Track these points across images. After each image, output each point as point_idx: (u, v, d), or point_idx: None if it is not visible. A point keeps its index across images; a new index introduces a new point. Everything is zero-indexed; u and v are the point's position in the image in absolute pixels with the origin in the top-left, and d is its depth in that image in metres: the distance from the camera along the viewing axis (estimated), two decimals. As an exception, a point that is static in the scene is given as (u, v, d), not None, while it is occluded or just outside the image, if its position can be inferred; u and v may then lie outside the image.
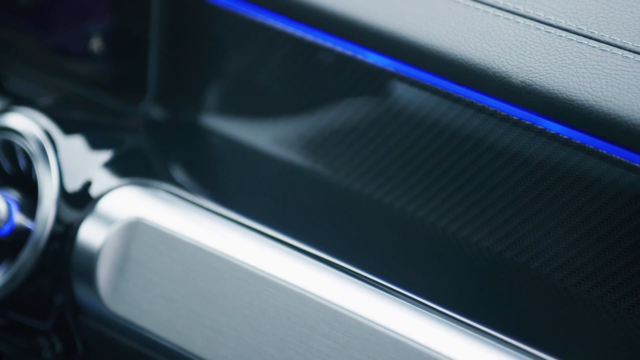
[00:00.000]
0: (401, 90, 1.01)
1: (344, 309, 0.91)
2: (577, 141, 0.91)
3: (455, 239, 1.00)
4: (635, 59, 0.90)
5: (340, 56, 1.03)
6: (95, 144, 1.08)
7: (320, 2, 1.02)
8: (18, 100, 1.15)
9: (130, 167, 1.07)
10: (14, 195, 1.06)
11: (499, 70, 0.93)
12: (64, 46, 1.17)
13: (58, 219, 1.03)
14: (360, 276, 0.94)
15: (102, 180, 1.05)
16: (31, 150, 1.05)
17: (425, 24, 0.97)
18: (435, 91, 0.98)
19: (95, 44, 1.14)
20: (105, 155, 1.07)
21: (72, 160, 1.06)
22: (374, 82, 1.02)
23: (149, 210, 1.01)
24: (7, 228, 1.05)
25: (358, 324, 0.90)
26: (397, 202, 1.04)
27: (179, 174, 1.09)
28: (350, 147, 1.06)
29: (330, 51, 1.03)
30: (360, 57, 1.02)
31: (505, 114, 0.95)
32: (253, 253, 0.97)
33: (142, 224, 1.00)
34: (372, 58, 1.01)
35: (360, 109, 1.04)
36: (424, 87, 0.99)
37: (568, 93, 0.89)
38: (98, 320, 1.02)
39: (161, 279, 0.99)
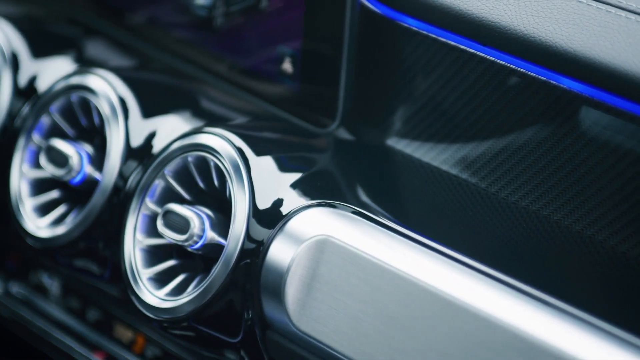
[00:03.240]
0: (595, 117, 1.00)
1: (533, 336, 0.90)
2: None
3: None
4: None
5: (533, 80, 1.02)
6: (285, 164, 1.11)
7: (515, 28, 1.01)
8: (213, 120, 1.18)
9: (318, 187, 1.09)
10: (207, 211, 1.09)
11: None
12: (255, 68, 1.20)
13: (249, 236, 1.06)
14: (548, 302, 0.93)
15: (291, 199, 1.07)
16: (226, 168, 1.08)
17: (624, 50, 0.95)
18: (632, 118, 0.96)
19: (287, 67, 1.16)
20: (295, 175, 1.09)
21: (263, 179, 1.08)
22: (567, 107, 1.01)
23: (337, 230, 1.02)
24: (200, 242, 1.08)
25: (549, 353, 0.89)
26: (588, 229, 1.02)
27: (365, 194, 1.10)
28: (539, 173, 1.05)
29: (523, 75, 1.02)
30: (553, 82, 1.01)
31: None
32: (440, 276, 0.97)
33: (331, 244, 1.01)
34: (566, 83, 1.00)
35: (552, 134, 1.03)
36: (619, 113, 0.97)
37: None
38: (285, 336, 1.04)
39: (348, 299, 1.00)
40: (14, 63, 1.28)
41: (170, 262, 1.12)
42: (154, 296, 1.10)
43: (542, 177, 1.05)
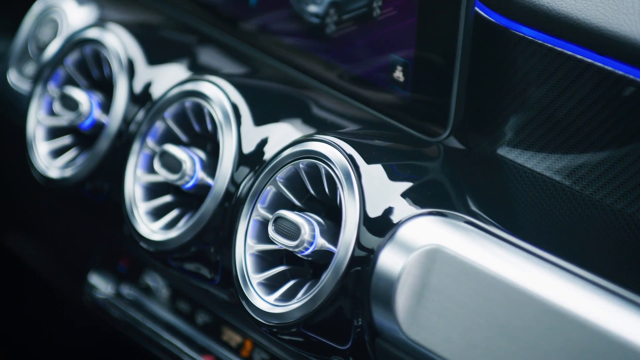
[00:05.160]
0: None
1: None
2: None
3: None
4: None
5: (652, 91, 1.00)
6: (396, 172, 1.10)
7: (636, 38, 1.00)
8: (323, 128, 1.19)
9: (428, 196, 1.08)
10: (317, 217, 1.10)
11: None
12: (366, 76, 1.20)
13: (359, 244, 1.06)
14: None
15: (401, 208, 1.07)
16: (337, 175, 1.09)
17: None
18: None
19: (398, 75, 1.16)
20: (405, 184, 1.09)
21: (373, 187, 1.08)
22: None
23: (448, 239, 1.02)
24: (310, 249, 1.09)
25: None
26: None
27: (476, 204, 1.09)
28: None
29: (641, 86, 1.01)
30: (674, 93, 0.99)
31: None
32: (554, 288, 0.96)
33: (442, 253, 1.01)
34: (688, 94, 0.98)
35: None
36: None
37: None
38: (395, 344, 1.04)
39: (459, 309, 0.99)
40: (130, 69, 1.30)
41: (280, 268, 1.13)
42: (264, 301, 1.11)
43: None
